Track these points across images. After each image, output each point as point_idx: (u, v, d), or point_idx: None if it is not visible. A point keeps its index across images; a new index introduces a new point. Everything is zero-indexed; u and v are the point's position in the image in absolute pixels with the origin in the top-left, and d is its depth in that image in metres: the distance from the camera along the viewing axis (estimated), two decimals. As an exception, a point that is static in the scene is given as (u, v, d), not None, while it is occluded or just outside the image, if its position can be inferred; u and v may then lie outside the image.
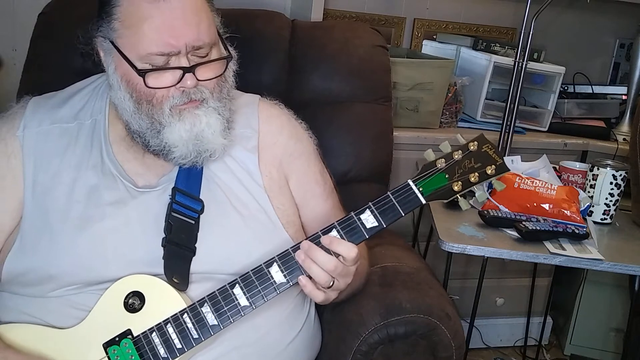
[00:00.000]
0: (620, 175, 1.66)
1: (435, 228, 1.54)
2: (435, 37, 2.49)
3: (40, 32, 1.56)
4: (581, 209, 1.64)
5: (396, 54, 2.12)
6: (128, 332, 1.04)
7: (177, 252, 1.07)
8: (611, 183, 1.66)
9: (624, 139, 2.24)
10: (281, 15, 1.72)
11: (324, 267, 1.00)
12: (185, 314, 1.03)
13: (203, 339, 1.03)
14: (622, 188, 1.67)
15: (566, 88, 2.44)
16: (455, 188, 1.02)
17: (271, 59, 1.63)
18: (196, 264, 1.08)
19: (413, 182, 1.03)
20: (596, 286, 2.32)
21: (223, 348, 1.08)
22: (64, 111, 1.15)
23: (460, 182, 1.02)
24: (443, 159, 1.03)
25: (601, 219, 1.69)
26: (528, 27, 1.89)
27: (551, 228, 1.52)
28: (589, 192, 1.69)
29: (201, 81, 1.04)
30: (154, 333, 1.03)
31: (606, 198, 1.67)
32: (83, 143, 1.13)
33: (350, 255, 1.00)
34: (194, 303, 1.04)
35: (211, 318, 1.03)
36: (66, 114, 1.15)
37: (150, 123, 1.05)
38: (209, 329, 1.03)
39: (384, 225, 1.02)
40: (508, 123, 1.99)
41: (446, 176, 1.02)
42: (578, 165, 1.82)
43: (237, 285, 1.03)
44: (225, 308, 1.03)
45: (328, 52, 1.65)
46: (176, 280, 1.06)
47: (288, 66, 1.65)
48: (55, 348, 1.05)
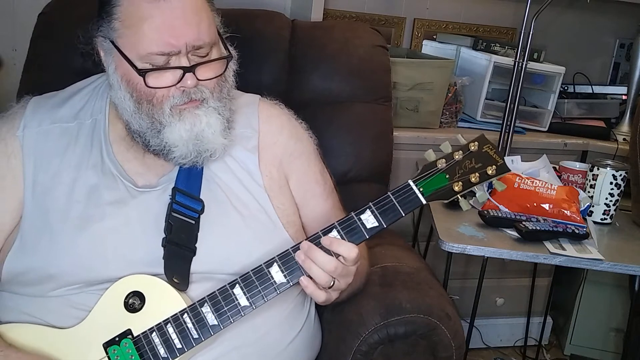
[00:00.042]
0: (620, 175, 1.66)
1: (435, 228, 1.54)
2: (435, 37, 2.49)
3: (40, 32, 1.56)
4: (581, 209, 1.64)
5: (396, 54, 2.12)
6: (128, 332, 1.04)
7: (177, 252, 1.07)
8: (611, 183, 1.66)
9: (624, 139, 2.24)
10: (281, 15, 1.72)
11: (324, 268, 1.00)
12: (185, 314, 1.03)
13: (203, 339, 1.03)
14: (622, 188, 1.67)
15: (566, 88, 2.44)
16: (455, 188, 1.02)
17: (271, 59, 1.63)
18: (196, 264, 1.08)
19: (413, 182, 1.02)
20: (596, 286, 2.32)
21: (223, 348, 1.08)
22: (64, 111, 1.15)
23: (460, 183, 1.02)
24: (444, 159, 1.03)
25: (601, 219, 1.69)
26: (528, 27, 1.89)
27: (551, 228, 1.52)
28: (589, 192, 1.69)
29: (201, 81, 1.04)
30: (154, 333, 1.03)
31: (606, 198, 1.67)
32: (83, 143, 1.13)
33: (350, 255, 1.00)
34: (194, 303, 1.04)
35: (211, 318, 1.03)
36: (66, 114, 1.15)
37: (150, 123, 1.05)
38: (209, 329, 1.03)
39: (385, 225, 1.02)
40: (508, 123, 1.99)
41: (447, 176, 1.02)
42: (578, 165, 1.82)
43: (237, 285, 1.03)
44: (225, 308, 1.03)
45: (328, 52, 1.65)
46: (176, 280, 1.06)
47: (288, 66, 1.65)
48: (55, 348, 1.05)
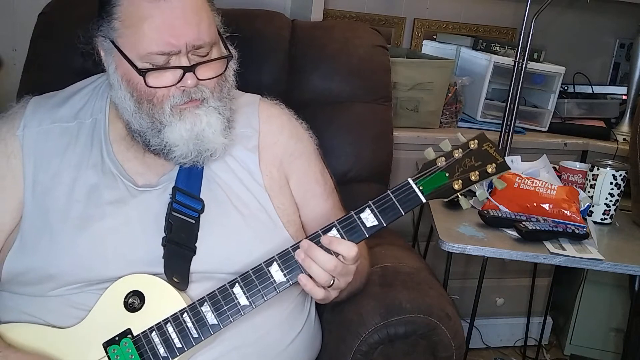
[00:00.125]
0: (620, 175, 1.66)
1: (435, 228, 1.54)
2: (435, 37, 2.49)
3: (40, 32, 1.56)
4: (581, 209, 1.64)
5: (396, 54, 2.12)
6: (128, 332, 1.04)
7: (177, 252, 1.07)
8: (611, 183, 1.66)
9: (624, 139, 2.24)
10: (281, 15, 1.72)
11: (324, 267, 1.00)
12: (185, 314, 1.03)
13: (203, 339, 1.03)
14: (622, 188, 1.67)
15: (566, 88, 2.44)
16: (455, 187, 1.02)
17: (271, 59, 1.63)
18: (196, 264, 1.08)
19: (413, 181, 1.02)
20: (596, 286, 2.31)
21: (223, 348, 1.08)
22: (64, 110, 1.15)
23: (460, 181, 1.02)
24: (443, 158, 1.02)
25: (601, 219, 1.69)
26: (528, 27, 1.89)
27: (551, 228, 1.52)
28: (589, 192, 1.68)
29: (201, 80, 1.04)
30: (154, 332, 1.03)
31: (606, 198, 1.67)
32: (83, 142, 1.13)
33: (350, 254, 1.00)
34: (194, 302, 1.04)
35: (211, 317, 1.03)
36: (66, 113, 1.15)
37: (150, 122, 1.05)
38: (209, 329, 1.03)
39: (384, 224, 1.02)
40: (508, 123, 1.99)
41: (446, 175, 1.02)
42: (578, 165, 1.82)
43: (237, 284, 1.03)
44: (225, 307, 1.03)
45: (328, 52, 1.65)
46: (176, 279, 1.06)
47: (288, 66, 1.65)
48: (55, 347, 1.05)
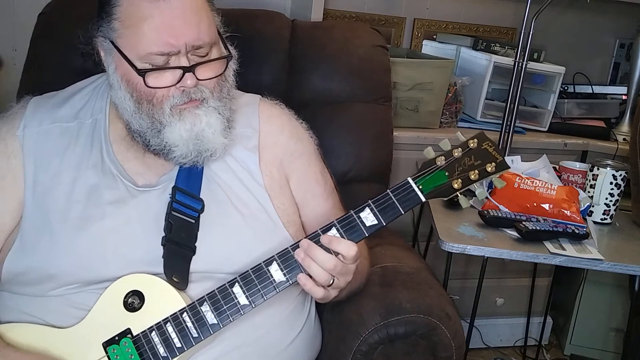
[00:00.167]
0: (620, 175, 1.66)
1: (435, 228, 1.54)
2: (435, 37, 2.49)
3: (40, 32, 1.56)
4: (581, 209, 1.63)
5: (396, 54, 2.12)
6: (128, 331, 1.04)
7: (177, 251, 1.07)
8: (611, 183, 1.66)
9: (624, 139, 2.24)
10: (281, 15, 1.72)
11: (324, 266, 1.00)
12: (184, 313, 1.03)
13: (203, 338, 1.03)
14: (622, 188, 1.67)
15: (566, 88, 2.44)
16: (455, 186, 1.02)
17: (271, 59, 1.63)
18: (196, 263, 1.08)
19: (413, 180, 1.02)
20: (596, 286, 2.31)
21: (223, 347, 1.08)
22: (65, 110, 1.15)
23: (460, 180, 1.02)
24: (443, 157, 1.02)
25: (601, 219, 1.69)
26: (528, 27, 1.89)
27: (551, 228, 1.52)
28: (589, 192, 1.68)
29: (201, 81, 1.04)
30: (154, 332, 1.03)
31: (606, 198, 1.67)
32: (83, 142, 1.13)
33: (349, 253, 1.00)
34: (194, 302, 1.04)
35: (211, 317, 1.03)
36: (66, 114, 1.15)
37: (150, 123, 1.05)
38: (209, 328, 1.03)
39: (384, 223, 1.02)
40: (508, 123, 1.99)
41: (446, 174, 1.02)
42: (578, 165, 1.82)
43: (237, 284, 1.03)
44: (224, 307, 1.03)
45: (328, 52, 1.65)
46: (176, 279, 1.06)
47: (288, 66, 1.65)
48: (55, 347, 1.05)
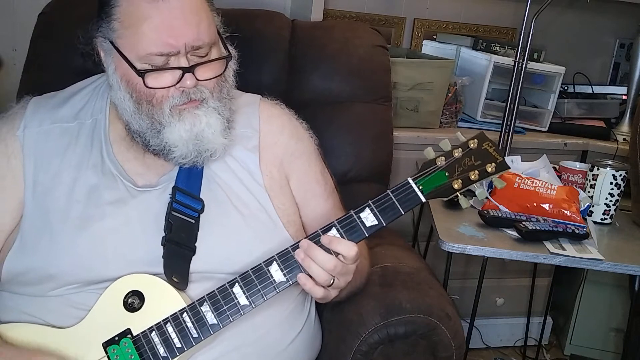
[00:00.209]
0: (620, 175, 1.66)
1: (435, 228, 1.54)
2: (435, 37, 2.49)
3: (40, 32, 1.56)
4: (581, 209, 1.63)
5: (396, 54, 2.12)
6: (127, 332, 1.04)
7: (177, 252, 1.07)
8: (611, 183, 1.66)
9: (624, 139, 2.24)
10: (281, 15, 1.72)
11: (324, 266, 1.00)
12: (184, 313, 1.03)
13: (203, 338, 1.03)
14: (622, 188, 1.67)
15: (566, 88, 2.44)
16: (455, 186, 1.02)
17: (271, 59, 1.63)
18: (196, 263, 1.08)
19: (413, 180, 1.02)
20: (596, 286, 2.31)
21: (223, 347, 1.08)
22: (65, 111, 1.15)
23: (460, 180, 1.02)
24: (443, 157, 1.02)
25: (601, 219, 1.69)
26: (528, 27, 1.89)
27: (551, 228, 1.52)
28: (589, 192, 1.68)
29: (201, 81, 1.04)
30: (154, 332, 1.03)
31: (606, 198, 1.67)
32: (83, 143, 1.13)
33: (349, 254, 1.00)
34: (194, 302, 1.04)
35: (211, 317, 1.02)
36: (67, 114, 1.15)
37: (150, 123, 1.05)
38: (209, 328, 1.03)
39: (384, 223, 1.02)
40: (508, 123, 1.99)
41: (446, 174, 1.02)
42: (578, 165, 1.82)
43: (237, 284, 1.03)
44: (224, 307, 1.03)
45: (328, 52, 1.65)
46: (176, 279, 1.06)
47: (288, 66, 1.65)
48: (55, 347, 1.05)
